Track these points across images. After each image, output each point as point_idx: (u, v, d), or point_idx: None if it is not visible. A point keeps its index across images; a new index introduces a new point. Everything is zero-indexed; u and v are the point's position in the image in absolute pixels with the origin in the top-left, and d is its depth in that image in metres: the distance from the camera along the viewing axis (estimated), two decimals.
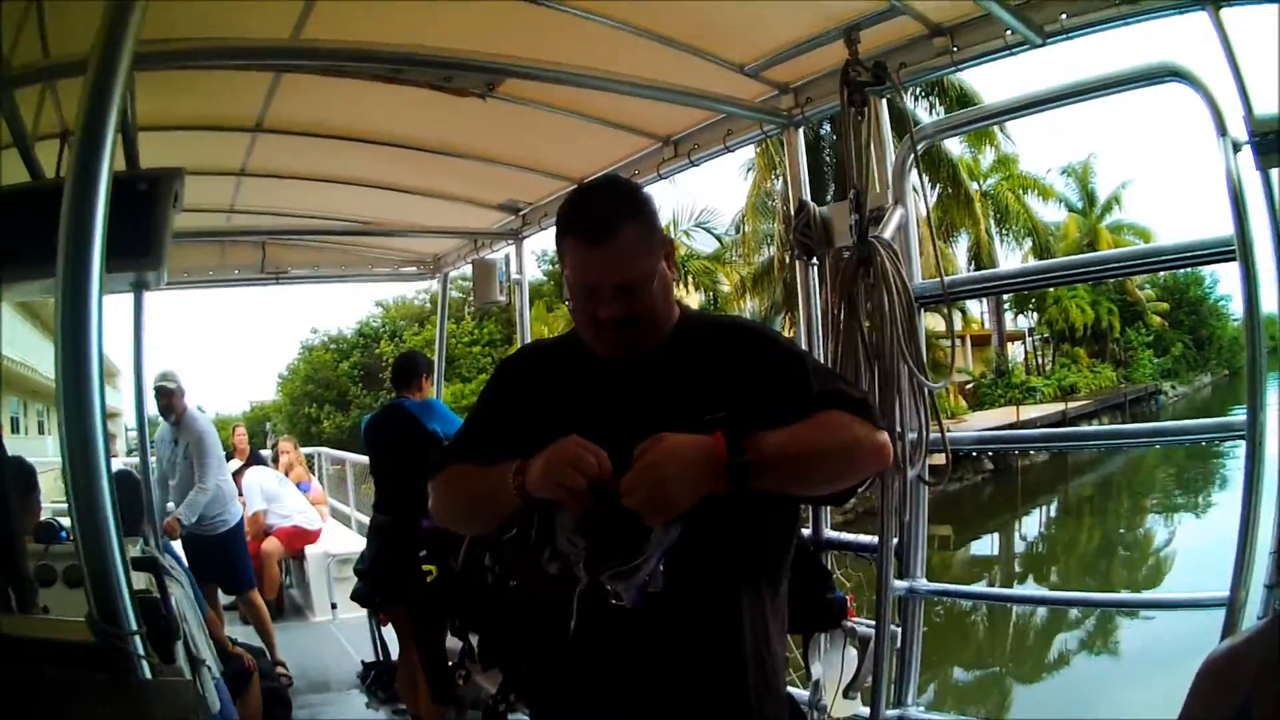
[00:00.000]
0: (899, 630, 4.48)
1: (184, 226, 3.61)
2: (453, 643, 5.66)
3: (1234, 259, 3.60)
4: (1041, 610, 20.78)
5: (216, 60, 4.23)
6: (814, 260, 4.53)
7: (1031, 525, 35.20)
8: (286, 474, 11.35)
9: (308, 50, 4.38)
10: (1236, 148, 3.57)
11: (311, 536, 10.74)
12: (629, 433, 2.31)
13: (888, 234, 4.10)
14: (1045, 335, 60.19)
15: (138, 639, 2.26)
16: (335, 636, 9.71)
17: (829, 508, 4.88)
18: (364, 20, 4.34)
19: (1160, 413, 63.09)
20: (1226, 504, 26.74)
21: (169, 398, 8.22)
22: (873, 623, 4.38)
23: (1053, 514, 37.14)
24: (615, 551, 2.36)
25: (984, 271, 25.67)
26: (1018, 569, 25.91)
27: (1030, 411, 43.47)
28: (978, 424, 38.65)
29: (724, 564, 2.53)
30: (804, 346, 4.85)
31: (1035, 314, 58.40)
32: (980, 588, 22.88)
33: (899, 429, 3.86)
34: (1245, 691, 2.33)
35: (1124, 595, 18.85)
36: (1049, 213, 55.22)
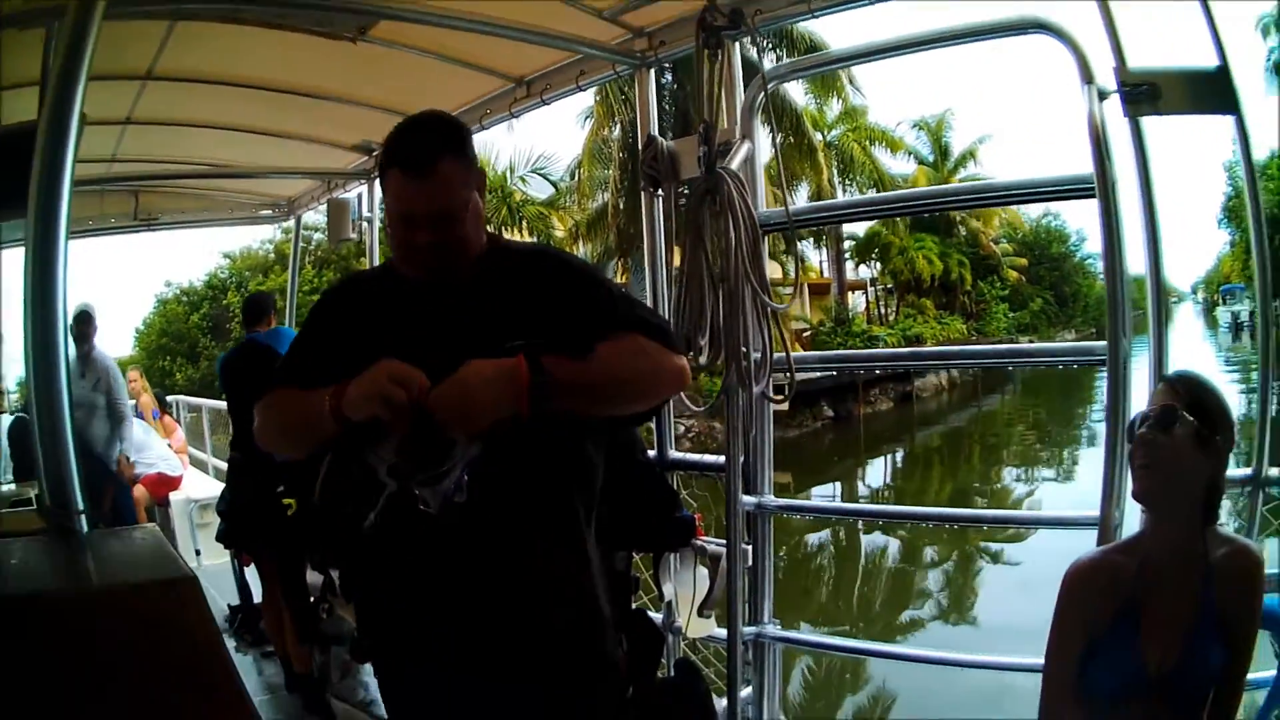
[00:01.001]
0: (749, 548, 4.58)
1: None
2: (314, 578, 5.68)
3: (1092, 195, 3.76)
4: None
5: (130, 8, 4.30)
6: (659, 192, 4.63)
7: (876, 475, 34.98)
8: (135, 402, 11.28)
9: None
10: (1103, 96, 3.74)
11: (175, 483, 10.66)
12: (441, 357, 2.49)
13: (734, 166, 4.21)
14: (889, 285, 59.86)
15: (83, 517, 2.45)
16: (201, 583, 9.48)
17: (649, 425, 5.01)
18: None
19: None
20: (1091, 460, 27.13)
21: (87, 325, 8.42)
22: (722, 541, 4.47)
23: (898, 464, 37.05)
24: (423, 462, 2.51)
25: (829, 200, 25.32)
26: (863, 521, 25.89)
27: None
28: (816, 371, 39.05)
29: (535, 481, 2.72)
30: (646, 275, 5.02)
31: (878, 264, 58.12)
32: (832, 503, 22.94)
33: (744, 348, 3.99)
34: (1129, 596, 2.73)
35: (993, 512, 18.76)
36: (898, 165, 55.28)
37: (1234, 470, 3.72)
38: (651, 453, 4.80)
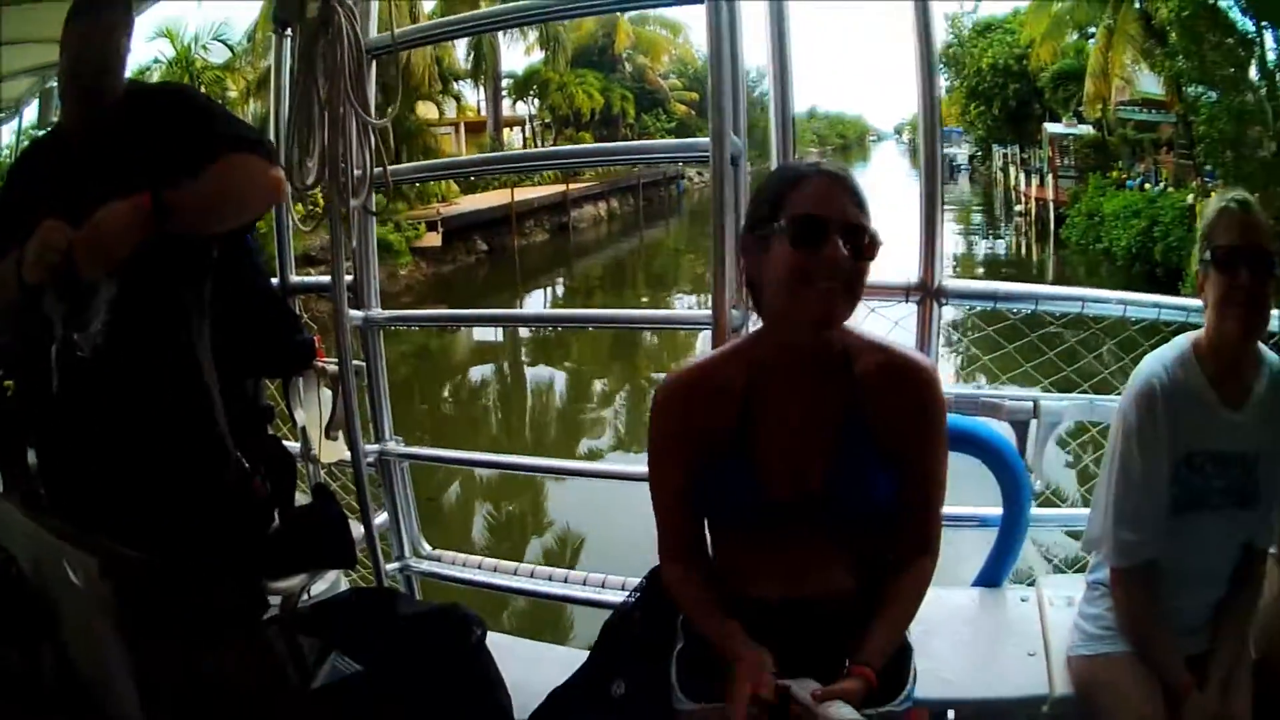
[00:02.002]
0: (363, 364, 4.59)
1: None
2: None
3: (701, 1, 3.59)
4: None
5: None
6: (287, 32, 4.59)
7: (535, 306, 35.43)
8: None
9: None
10: None
11: None
12: (90, 207, 2.67)
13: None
14: (547, 121, 60.05)
15: None
16: None
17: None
18: None
19: (682, 197, 64.73)
20: None
21: None
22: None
23: (558, 295, 37.64)
24: (71, 306, 2.71)
25: (436, 20, 24.90)
26: (525, 356, 26.29)
27: (528, 193, 44.12)
28: (469, 206, 39.38)
29: (155, 309, 2.93)
30: (271, 111, 4.89)
31: (537, 100, 58.08)
32: (450, 310, 22.77)
33: (344, 164, 4.02)
34: (738, 410, 2.48)
35: (607, 311, 18.69)
36: None
37: (893, 276, 3.74)
38: (275, 280, 4.70)
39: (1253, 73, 26.74)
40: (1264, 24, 25.89)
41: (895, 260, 2.78)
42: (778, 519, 2.46)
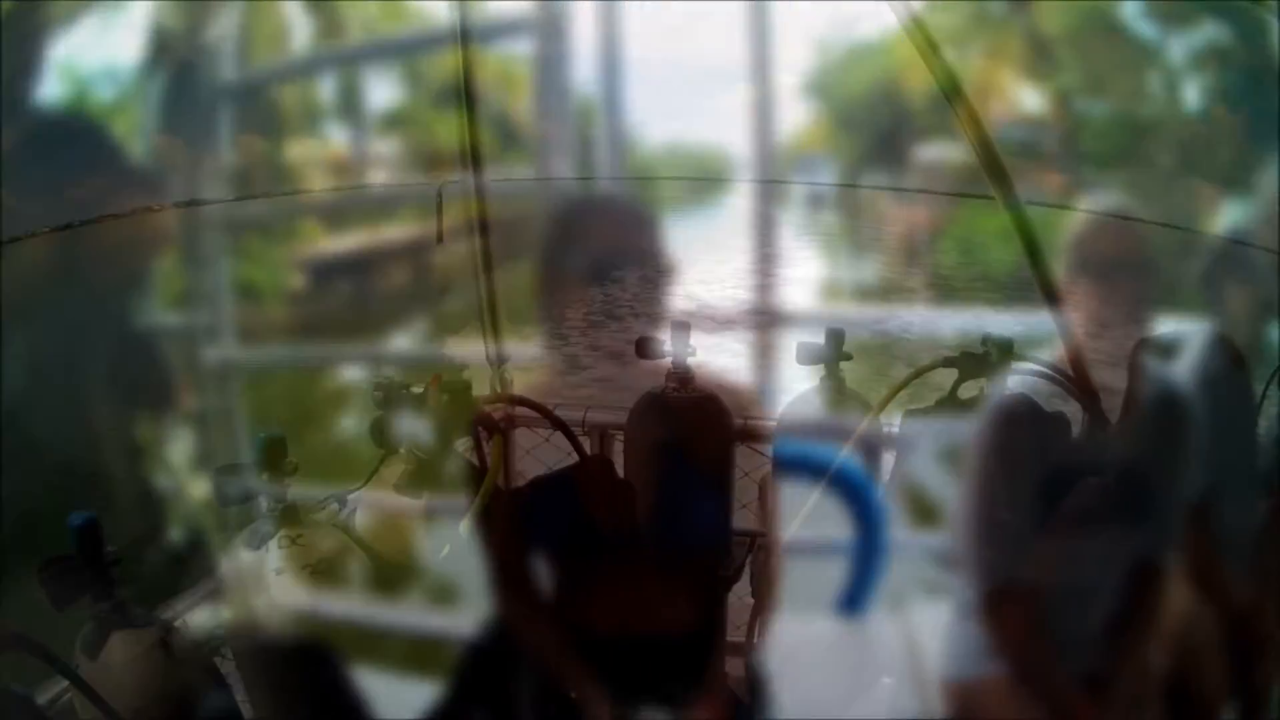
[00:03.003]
0: None
1: None
2: None
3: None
4: None
5: None
6: None
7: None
8: None
9: None
10: None
11: None
12: None
13: None
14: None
15: None
16: None
17: None
18: None
19: None
20: None
21: None
22: None
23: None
24: None
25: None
26: None
27: (391, 233, 43.85)
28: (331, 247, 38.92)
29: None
30: None
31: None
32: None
33: None
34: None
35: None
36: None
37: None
38: None
39: (1154, 84, 26.09)
40: (1172, 32, 25.37)
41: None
42: (609, 551, 2.41)
